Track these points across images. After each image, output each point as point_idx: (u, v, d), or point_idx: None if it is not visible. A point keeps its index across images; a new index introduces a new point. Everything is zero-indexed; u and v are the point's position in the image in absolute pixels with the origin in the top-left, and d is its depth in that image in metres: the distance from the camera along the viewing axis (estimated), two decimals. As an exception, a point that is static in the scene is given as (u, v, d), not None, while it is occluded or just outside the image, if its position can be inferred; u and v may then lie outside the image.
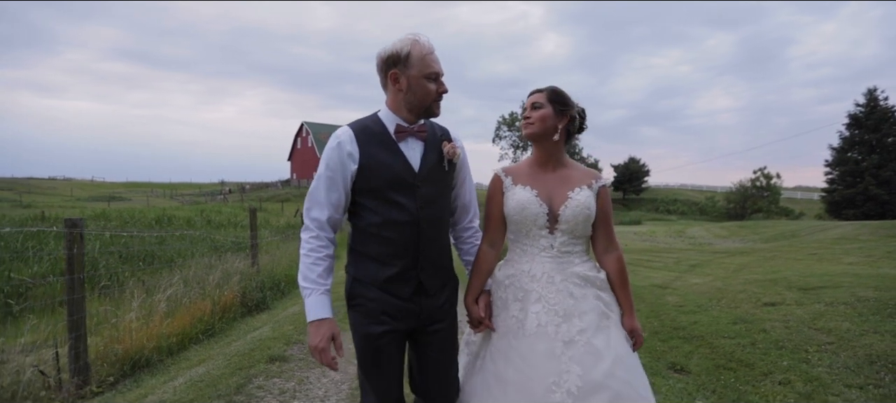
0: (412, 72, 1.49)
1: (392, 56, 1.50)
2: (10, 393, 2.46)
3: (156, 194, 46.85)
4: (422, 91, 1.50)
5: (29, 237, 10.06)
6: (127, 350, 3.48)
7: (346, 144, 1.48)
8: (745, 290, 6.51)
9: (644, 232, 24.22)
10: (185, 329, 4.26)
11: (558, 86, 1.64)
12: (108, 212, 20.02)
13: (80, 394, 2.90)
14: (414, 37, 1.51)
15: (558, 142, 1.61)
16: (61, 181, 61.15)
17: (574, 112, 1.63)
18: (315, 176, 1.53)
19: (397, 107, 1.53)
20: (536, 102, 1.62)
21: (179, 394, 2.76)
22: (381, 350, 1.51)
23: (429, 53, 1.51)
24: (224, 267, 6.23)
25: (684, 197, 51.74)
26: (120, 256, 8.78)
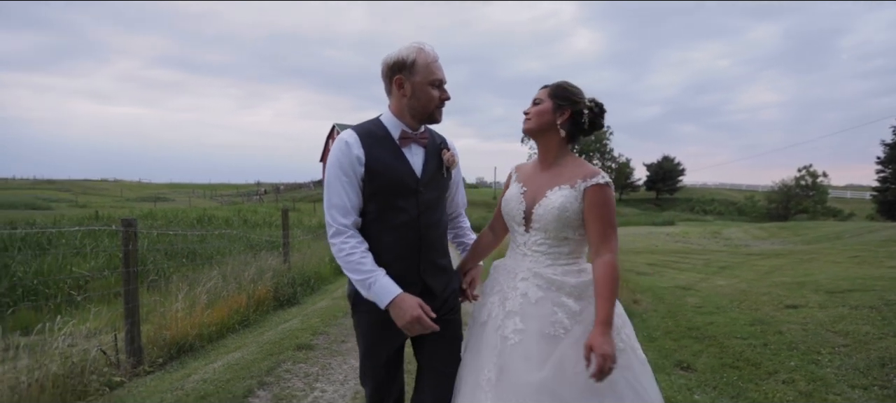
0: (416, 78, 1.52)
1: (397, 62, 1.53)
2: (80, 368, 2.88)
3: (197, 194, 49.22)
4: (425, 97, 1.53)
5: (86, 235, 10.95)
6: (173, 336, 3.90)
7: (353, 147, 1.49)
8: (769, 293, 6.41)
9: (677, 232, 23.57)
10: (223, 319, 4.67)
11: (568, 82, 1.58)
12: (154, 212, 21.34)
13: (135, 372, 3.31)
14: (419, 45, 1.55)
15: (556, 138, 1.56)
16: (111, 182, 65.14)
17: (579, 107, 1.55)
18: (326, 182, 1.54)
19: (401, 112, 1.56)
20: (537, 98, 1.59)
21: (218, 374, 3.11)
22: (388, 353, 1.56)
23: (433, 61, 1.54)
24: (259, 263, 6.67)
25: (722, 196, 49.78)
26: (165, 253, 9.45)
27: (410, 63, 1.52)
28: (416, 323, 1.43)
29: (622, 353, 1.41)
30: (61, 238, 10.04)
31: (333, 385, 3.07)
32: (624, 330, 1.49)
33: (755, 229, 24.41)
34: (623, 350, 1.43)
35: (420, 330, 1.44)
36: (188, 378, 3.12)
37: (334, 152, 1.51)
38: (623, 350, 1.43)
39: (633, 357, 1.46)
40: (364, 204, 1.52)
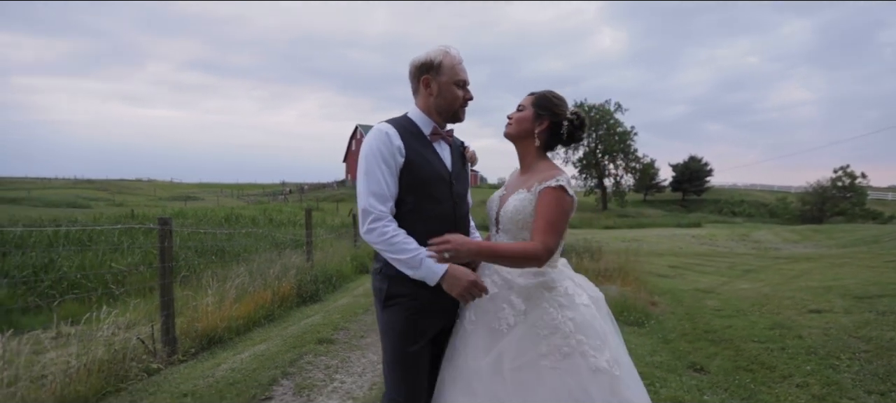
0: (443, 78, 1.62)
1: (425, 63, 1.62)
2: (122, 355, 3.13)
3: (224, 194, 50.75)
4: (451, 96, 1.63)
5: (122, 232, 11.53)
6: (204, 328, 4.15)
7: (394, 138, 1.54)
8: (793, 297, 6.29)
9: (703, 235, 22.98)
10: (249, 313, 4.91)
11: (551, 93, 1.66)
12: (185, 211, 22.19)
13: (170, 361, 3.55)
14: (445, 48, 1.64)
15: (532, 145, 1.64)
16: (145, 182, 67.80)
17: (559, 118, 1.62)
18: (364, 170, 1.53)
19: (428, 110, 1.64)
20: (521, 105, 1.67)
21: (245, 364, 3.32)
22: (419, 348, 1.57)
23: (458, 63, 1.64)
24: (283, 261, 6.93)
25: (752, 197, 48.16)
26: (196, 250, 9.89)
27: (437, 64, 1.61)
28: (473, 287, 1.48)
29: (567, 358, 1.45)
30: (100, 235, 10.62)
31: (352, 376, 3.23)
32: (577, 335, 1.49)
33: (786, 232, 23.60)
34: (568, 354, 1.46)
35: (476, 294, 1.49)
36: (218, 366, 3.34)
37: (374, 142, 1.53)
38: (568, 354, 1.46)
39: (581, 364, 1.45)
40: (401, 196, 1.56)
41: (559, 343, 1.46)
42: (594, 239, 16.45)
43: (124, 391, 2.91)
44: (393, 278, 1.54)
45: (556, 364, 1.44)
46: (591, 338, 1.48)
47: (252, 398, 2.77)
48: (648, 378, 3.24)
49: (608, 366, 1.45)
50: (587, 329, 1.49)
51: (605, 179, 46.44)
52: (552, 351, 1.46)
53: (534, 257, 1.46)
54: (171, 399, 2.72)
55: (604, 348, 1.49)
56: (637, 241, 19.44)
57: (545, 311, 1.50)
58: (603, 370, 1.44)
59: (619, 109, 45.69)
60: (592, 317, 1.52)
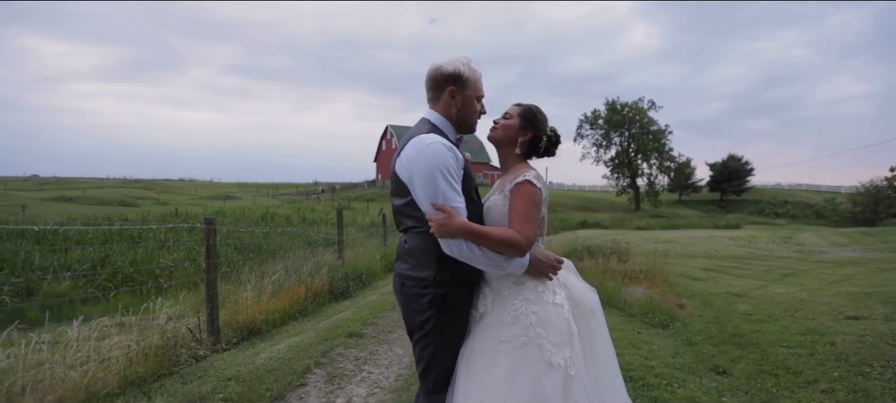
0: (467, 92, 1.69)
1: (453, 74, 1.67)
2: (173, 342, 3.45)
3: (261, 193, 52.61)
4: (472, 109, 1.72)
5: (168, 230, 12.28)
6: (244, 320, 4.47)
7: (456, 151, 1.61)
8: (830, 302, 6.09)
9: (741, 237, 22.13)
10: (285, 308, 5.22)
11: (537, 108, 1.79)
12: (224, 210, 23.26)
13: (215, 349, 3.87)
14: (468, 60, 1.71)
15: (513, 151, 1.76)
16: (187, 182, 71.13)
17: (540, 133, 1.76)
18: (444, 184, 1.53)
19: (449, 118, 1.70)
20: (508, 113, 1.79)
21: (281, 354, 3.59)
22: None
23: (480, 77, 1.73)
24: (316, 259, 7.26)
25: (797, 198, 45.79)
26: (235, 248, 10.43)
27: (465, 78, 1.68)
28: (556, 264, 1.64)
29: (524, 347, 1.54)
30: (148, 232, 11.36)
31: (379, 368, 3.44)
32: (536, 328, 1.56)
33: (834, 234, 22.39)
34: (525, 344, 1.54)
35: (557, 268, 1.65)
36: (258, 355, 3.62)
37: (443, 156, 1.55)
38: (525, 344, 1.54)
39: (536, 356, 1.52)
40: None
41: (518, 332, 1.55)
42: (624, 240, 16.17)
43: (177, 374, 3.22)
44: (450, 280, 1.60)
45: (513, 351, 1.53)
46: (551, 334, 1.56)
47: (288, 384, 3.02)
48: (667, 378, 3.29)
49: (564, 364, 1.52)
50: (549, 325, 1.57)
51: (638, 179, 45.29)
52: (510, 339, 1.55)
53: (515, 244, 1.53)
54: (218, 382, 2.99)
55: (564, 346, 1.55)
56: (670, 243, 18.93)
57: (510, 302, 1.60)
58: (557, 366, 1.51)
59: (653, 107, 44.46)
60: (558, 316, 1.59)
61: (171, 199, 40.54)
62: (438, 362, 1.62)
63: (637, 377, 3.25)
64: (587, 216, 35.69)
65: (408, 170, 1.59)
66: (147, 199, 40.29)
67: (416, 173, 1.55)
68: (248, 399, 2.74)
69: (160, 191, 50.77)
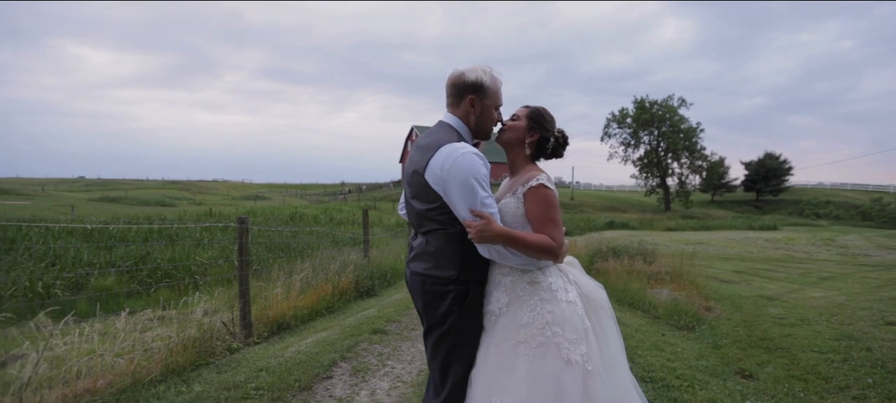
0: (487, 101, 1.74)
1: (474, 84, 1.72)
2: (209, 335, 3.67)
3: (290, 194, 54.00)
4: (489, 118, 1.77)
5: (203, 229, 12.83)
6: (274, 315, 4.67)
7: (485, 160, 1.66)
8: (870, 307, 5.84)
9: (779, 238, 21.26)
10: (313, 304, 5.42)
11: (544, 110, 1.83)
12: (255, 210, 24.05)
13: (247, 342, 4.08)
14: (491, 69, 1.75)
15: (522, 152, 1.80)
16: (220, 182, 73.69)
17: (548, 134, 1.80)
18: (481, 192, 1.59)
19: (468, 124, 1.75)
20: (516, 115, 1.83)
21: (309, 348, 3.75)
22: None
23: (500, 87, 1.77)
24: (342, 258, 7.47)
25: (840, 198, 43.52)
26: (266, 246, 10.81)
27: (485, 88, 1.72)
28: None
29: (542, 346, 1.59)
30: (186, 231, 11.90)
31: (402, 363, 3.55)
32: (553, 327, 1.61)
33: (881, 237, 21.26)
34: (543, 343, 1.59)
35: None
36: (287, 349, 3.80)
37: (476, 165, 1.60)
38: (543, 343, 1.59)
39: (554, 354, 1.57)
40: None
41: (535, 332, 1.61)
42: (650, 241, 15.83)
43: (213, 364, 3.42)
44: (471, 280, 1.68)
45: (531, 351, 1.59)
46: (567, 332, 1.60)
47: (315, 376, 3.16)
48: (688, 379, 3.26)
49: (581, 360, 1.58)
50: (565, 323, 1.62)
51: (668, 178, 44.06)
52: (528, 339, 1.60)
53: (549, 250, 1.60)
54: (250, 372, 3.17)
55: (580, 342, 1.60)
56: (701, 244, 18.40)
57: (526, 303, 1.65)
58: (575, 362, 1.56)
59: (684, 104, 43.20)
60: (573, 313, 1.64)
61: (205, 199, 42.14)
62: (459, 357, 1.69)
63: (658, 378, 3.24)
64: (614, 216, 35.00)
65: (441, 178, 1.62)
66: (184, 199, 41.99)
67: (452, 182, 1.59)
68: (277, 389, 2.90)
69: (196, 191, 52.82)
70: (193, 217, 18.92)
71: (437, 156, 1.64)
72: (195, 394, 2.79)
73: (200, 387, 2.92)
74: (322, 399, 2.88)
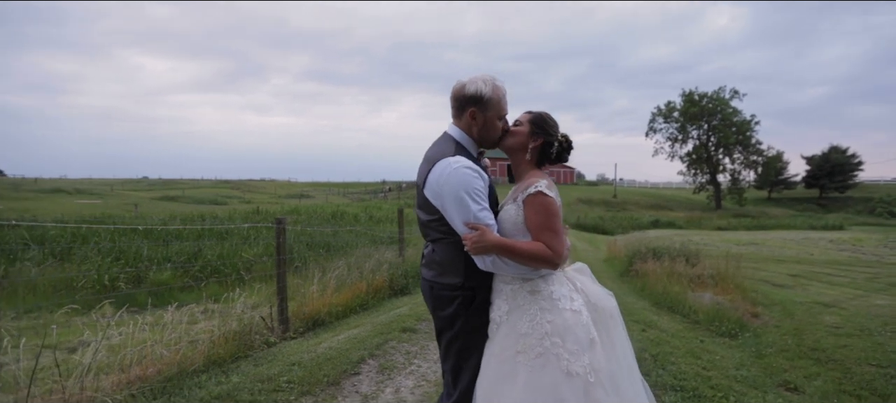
0: (489, 112, 1.73)
1: (474, 96, 1.71)
2: (248, 329, 3.89)
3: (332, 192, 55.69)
4: (494, 130, 1.77)
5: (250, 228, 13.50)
6: (310, 312, 4.88)
7: (481, 172, 1.67)
8: (945, 317, 5.30)
9: (845, 239, 19.69)
10: (347, 301, 5.60)
11: (547, 115, 1.81)
12: (299, 208, 25.01)
13: (283, 337, 4.29)
14: (492, 80, 1.73)
15: (524, 158, 1.78)
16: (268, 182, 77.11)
17: (551, 139, 1.77)
18: (473, 206, 1.60)
19: (470, 135, 1.76)
20: (519, 120, 1.82)
21: (340, 344, 3.90)
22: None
23: (503, 96, 1.75)
24: (378, 256, 7.66)
25: (919, 195, 39.58)
26: (307, 244, 11.25)
27: (486, 100, 1.71)
28: None
29: (540, 357, 1.57)
30: (234, 230, 12.59)
31: (428, 362, 3.62)
32: (552, 337, 1.58)
33: (967, 238, 19.17)
34: (542, 354, 1.58)
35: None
36: (319, 345, 3.96)
37: (468, 179, 1.62)
38: (542, 354, 1.58)
39: (553, 365, 1.55)
40: None
41: (534, 342, 1.59)
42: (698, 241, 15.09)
43: (251, 357, 3.64)
44: (477, 288, 1.71)
45: (530, 361, 1.57)
46: (568, 342, 1.58)
47: (343, 372, 3.29)
48: (723, 390, 3.12)
49: (583, 371, 1.54)
50: (566, 333, 1.59)
51: (719, 175, 41.73)
52: (527, 349, 1.59)
53: (545, 259, 1.59)
54: (283, 366, 3.34)
55: (582, 353, 1.57)
56: (754, 245, 17.33)
57: (526, 312, 1.63)
58: (576, 374, 1.54)
59: (736, 96, 40.82)
60: (576, 323, 1.61)
61: (254, 198, 44.26)
62: (467, 361, 1.72)
63: (689, 387, 3.12)
64: (660, 215, 33.61)
65: (437, 193, 1.66)
66: (234, 198, 44.31)
67: (446, 197, 1.63)
68: (307, 384, 3.04)
69: (245, 190, 55.58)
70: (241, 215, 19.93)
71: (434, 171, 1.68)
72: (233, 385, 2.98)
73: (238, 379, 3.11)
74: (349, 394, 3.00)
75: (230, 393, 2.83)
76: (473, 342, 1.72)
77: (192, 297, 6.59)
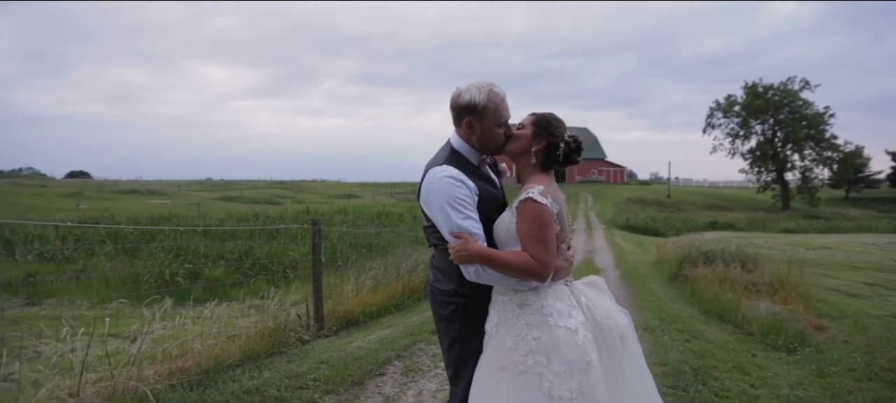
0: (485, 120, 1.66)
1: (468, 106, 1.65)
2: (284, 326, 4.05)
3: (380, 192, 56.98)
4: (493, 137, 1.69)
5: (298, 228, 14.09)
6: (344, 311, 5.00)
7: (467, 181, 1.63)
8: None
9: (936, 244, 17.50)
10: (382, 302, 5.69)
11: (551, 115, 1.71)
12: (346, 208, 25.83)
13: (318, 335, 4.43)
14: (488, 86, 1.65)
15: (528, 162, 1.69)
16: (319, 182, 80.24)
17: (556, 140, 1.67)
18: (455, 216, 1.58)
19: (470, 144, 1.71)
20: (522, 123, 1.73)
21: (369, 344, 3.96)
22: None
23: (501, 102, 1.67)
24: (416, 256, 7.73)
25: None
26: (350, 244, 11.58)
27: (481, 108, 1.64)
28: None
29: (522, 375, 1.49)
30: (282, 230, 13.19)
31: (454, 366, 3.59)
32: (536, 356, 1.50)
33: None
34: (523, 372, 1.49)
35: None
36: (350, 344, 4.05)
37: (449, 186, 1.60)
38: (523, 372, 1.49)
39: (534, 386, 1.47)
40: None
41: (517, 359, 1.51)
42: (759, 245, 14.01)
43: (284, 354, 3.78)
44: (471, 296, 1.68)
45: (512, 379, 1.50)
46: (554, 363, 1.48)
47: (368, 372, 3.34)
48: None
49: (568, 395, 1.44)
50: (553, 352, 1.49)
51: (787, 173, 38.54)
52: (510, 365, 1.51)
53: (529, 270, 1.51)
54: (312, 364, 3.44)
55: (570, 376, 1.46)
56: (828, 249, 15.80)
57: (513, 326, 1.56)
58: (559, 398, 1.44)
59: (807, 87, 37.50)
60: (568, 342, 1.50)
61: (305, 198, 46.21)
62: (465, 369, 1.70)
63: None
64: (718, 216, 31.59)
65: (426, 201, 1.67)
66: (287, 198, 46.49)
67: (432, 206, 1.64)
68: (332, 383, 3.11)
69: (297, 190, 58.14)
70: (292, 215, 20.88)
71: (424, 180, 1.69)
72: (263, 380, 3.10)
73: (269, 374, 3.24)
74: (371, 395, 3.04)
75: (259, 389, 2.95)
76: (469, 351, 1.69)
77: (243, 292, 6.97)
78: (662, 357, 3.81)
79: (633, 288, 7.71)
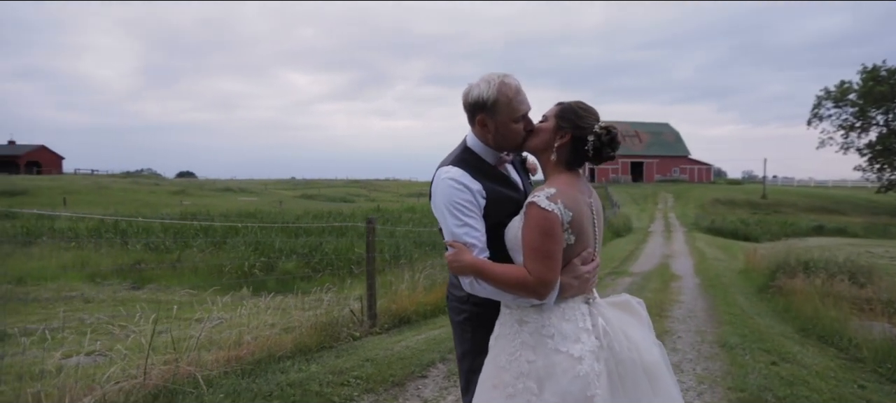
0: (499, 117, 1.51)
1: (477, 103, 1.51)
2: (337, 321, 4.16)
3: (448, 191, 57.77)
4: (510, 134, 1.54)
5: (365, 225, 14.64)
6: (397, 309, 5.04)
7: (471, 184, 1.49)
8: None
9: None
10: (436, 301, 5.65)
11: (578, 104, 1.50)
12: (415, 206, 26.42)
13: (370, 332, 4.49)
14: (499, 79, 1.51)
15: (550, 160, 1.50)
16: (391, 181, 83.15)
17: (583, 132, 1.46)
18: (452, 221, 1.48)
19: (486, 143, 1.57)
20: (545, 115, 1.55)
21: (417, 345, 3.94)
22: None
23: (516, 94, 1.51)
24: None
25: None
26: (414, 242, 11.78)
27: (492, 104, 1.50)
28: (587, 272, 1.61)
29: (511, 398, 1.37)
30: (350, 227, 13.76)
31: (500, 373, 3.44)
32: (526, 380, 1.35)
33: None
34: (513, 395, 1.37)
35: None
36: (398, 343, 4.05)
37: (449, 193, 1.49)
38: (513, 395, 1.37)
39: None
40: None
41: (508, 380, 1.38)
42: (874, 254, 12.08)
43: (334, 348, 3.88)
44: (483, 304, 1.56)
45: (501, 399, 1.38)
46: (545, 392, 1.33)
47: (410, 373, 3.30)
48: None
49: None
50: (546, 379, 1.33)
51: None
52: (501, 386, 1.39)
53: (523, 286, 1.35)
54: (357, 361, 3.48)
55: None
56: (971, 262, 13.17)
57: (509, 344, 1.42)
58: None
59: (948, 69, 31.51)
60: (566, 371, 1.32)
61: (377, 196, 48.12)
62: (475, 383, 1.57)
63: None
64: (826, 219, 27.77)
65: (432, 203, 1.59)
66: (361, 197, 48.74)
67: (436, 208, 1.56)
68: (373, 381, 3.11)
69: (371, 189, 60.73)
70: (363, 212, 21.76)
71: (433, 180, 1.59)
72: (309, 374, 3.19)
73: (316, 367, 3.33)
74: (410, 397, 2.99)
75: (302, 382, 3.03)
76: (481, 364, 1.55)
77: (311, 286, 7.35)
78: (740, 380, 3.35)
79: (714, 298, 6.95)
